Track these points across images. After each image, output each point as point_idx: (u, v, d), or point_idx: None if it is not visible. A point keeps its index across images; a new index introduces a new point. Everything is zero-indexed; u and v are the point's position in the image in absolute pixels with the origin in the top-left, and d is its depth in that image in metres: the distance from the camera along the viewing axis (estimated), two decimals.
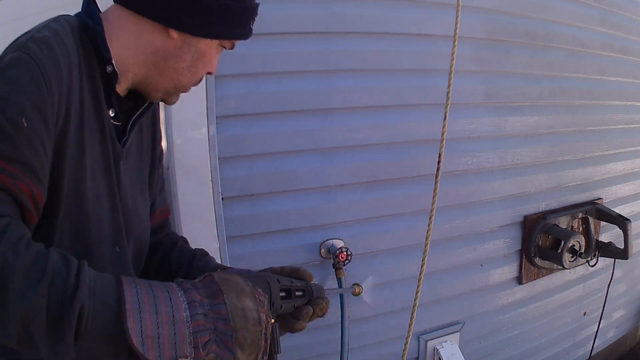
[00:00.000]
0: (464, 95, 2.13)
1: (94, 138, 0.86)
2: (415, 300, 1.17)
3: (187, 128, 1.68)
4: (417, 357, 2.24)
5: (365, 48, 1.89)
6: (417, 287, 1.19)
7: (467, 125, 2.14)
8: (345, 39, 1.86)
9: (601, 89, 2.63)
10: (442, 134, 1.16)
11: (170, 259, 1.13)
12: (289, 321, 0.97)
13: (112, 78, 0.86)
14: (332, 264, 1.90)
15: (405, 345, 1.16)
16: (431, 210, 1.17)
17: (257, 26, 1.75)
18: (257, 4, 0.96)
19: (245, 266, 1.84)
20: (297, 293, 0.96)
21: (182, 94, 0.99)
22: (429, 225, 1.19)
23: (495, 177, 2.23)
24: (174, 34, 0.88)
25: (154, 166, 1.11)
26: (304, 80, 1.83)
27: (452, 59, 1.16)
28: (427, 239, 1.18)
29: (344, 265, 1.88)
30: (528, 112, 2.33)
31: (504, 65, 2.23)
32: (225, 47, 0.96)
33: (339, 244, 1.92)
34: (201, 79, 0.98)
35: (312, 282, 1.02)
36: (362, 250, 1.98)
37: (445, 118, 1.17)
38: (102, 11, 0.92)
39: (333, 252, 1.89)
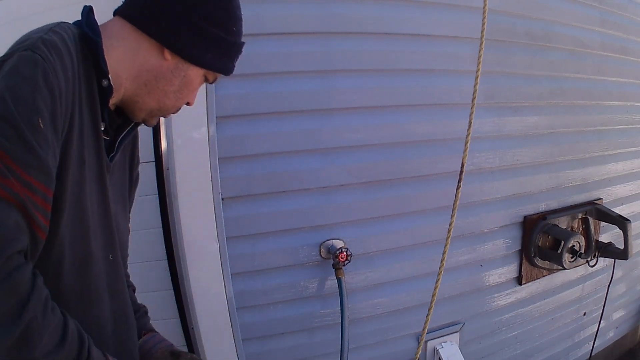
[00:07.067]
0: (464, 95, 2.12)
1: (91, 148, 0.86)
2: (433, 296, 1.18)
3: (187, 128, 1.68)
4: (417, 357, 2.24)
5: (365, 48, 1.89)
6: (436, 281, 1.20)
7: (467, 126, 2.14)
8: (345, 39, 1.86)
9: (601, 89, 2.63)
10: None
11: None
12: None
13: (106, 92, 0.87)
14: (332, 264, 1.90)
15: (418, 346, 1.16)
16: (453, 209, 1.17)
17: (257, 26, 1.77)
18: (244, 43, 0.99)
19: (245, 266, 1.86)
20: None
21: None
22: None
23: (495, 177, 2.23)
24: (169, 55, 0.89)
25: (131, 187, 1.12)
26: (304, 80, 1.83)
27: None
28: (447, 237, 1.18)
29: (344, 265, 1.88)
30: (528, 113, 2.33)
31: (504, 65, 2.23)
32: (208, 80, 0.98)
33: (339, 244, 1.92)
34: (180, 108, 1.00)
35: None
36: (362, 250, 1.98)
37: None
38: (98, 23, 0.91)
39: (333, 252, 1.89)
